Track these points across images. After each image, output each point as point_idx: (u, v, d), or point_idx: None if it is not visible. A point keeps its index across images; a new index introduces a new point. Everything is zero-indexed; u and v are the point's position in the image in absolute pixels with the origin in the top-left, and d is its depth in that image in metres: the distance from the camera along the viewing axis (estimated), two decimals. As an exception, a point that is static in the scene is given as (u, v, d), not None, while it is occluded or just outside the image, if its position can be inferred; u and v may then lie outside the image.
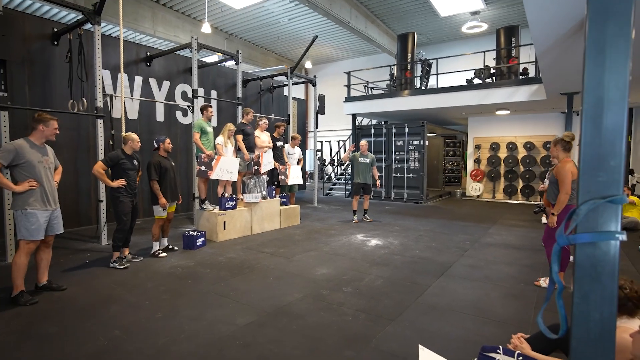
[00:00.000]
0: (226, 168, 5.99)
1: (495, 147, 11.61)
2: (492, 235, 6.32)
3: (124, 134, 4.53)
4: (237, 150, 6.56)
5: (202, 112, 6.08)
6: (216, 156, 5.92)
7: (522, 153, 11.19)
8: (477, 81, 10.60)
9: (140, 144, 4.51)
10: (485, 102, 9.62)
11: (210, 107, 6.05)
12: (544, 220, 7.49)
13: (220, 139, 6.07)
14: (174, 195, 4.91)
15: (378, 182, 7.64)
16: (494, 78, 10.45)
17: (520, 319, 3.07)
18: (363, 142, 7.58)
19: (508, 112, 10.70)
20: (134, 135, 4.44)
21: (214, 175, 5.88)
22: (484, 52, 10.48)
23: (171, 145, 4.92)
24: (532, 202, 10.84)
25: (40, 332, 2.81)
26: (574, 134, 3.59)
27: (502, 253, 5.17)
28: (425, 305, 3.34)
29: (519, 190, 11.26)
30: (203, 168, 5.83)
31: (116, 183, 4.25)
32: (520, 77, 10.08)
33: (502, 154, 11.54)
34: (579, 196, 1.09)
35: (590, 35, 1.05)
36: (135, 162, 4.49)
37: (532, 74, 10.40)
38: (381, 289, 3.74)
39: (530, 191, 11.03)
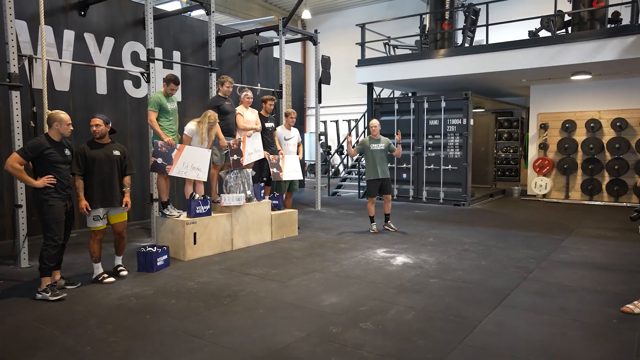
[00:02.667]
0: (192, 162, 5.95)
1: (569, 126, 11.55)
2: (567, 251, 6.33)
3: (49, 111, 4.50)
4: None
5: (166, 84, 6.05)
6: (178, 145, 5.91)
7: (608, 135, 11.11)
8: (544, 34, 10.50)
9: (72, 128, 4.48)
10: (555, 64, 9.54)
11: (176, 81, 6.02)
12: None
13: (191, 129, 5.98)
14: (106, 198, 4.75)
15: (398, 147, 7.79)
16: (569, 29, 10.37)
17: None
18: (374, 122, 7.72)
19: (589, 76, 10.60)
20: (63, 115, 4.39)
21: (174, 171, 5.87)
22: (555, -9, 10.37)
23: (100, 127, 4.67)
24: (625, 204, 10.79)
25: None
26: None
27: (582, 275, 5.17)
28: (476, 349, 3.33)
29: (604, 187, 11.21)
30: (160, 160, 5.82)
31: (41, 182, 4.23)
32: (609, 25, 9.97)
33: (580, 136, 11.48)
34: None
35: None
36: (68, 152, 4.49)
37: (626, 20, 10.27)
38: (413, 325, 3.75)
39: (621, 188, 10.96)
